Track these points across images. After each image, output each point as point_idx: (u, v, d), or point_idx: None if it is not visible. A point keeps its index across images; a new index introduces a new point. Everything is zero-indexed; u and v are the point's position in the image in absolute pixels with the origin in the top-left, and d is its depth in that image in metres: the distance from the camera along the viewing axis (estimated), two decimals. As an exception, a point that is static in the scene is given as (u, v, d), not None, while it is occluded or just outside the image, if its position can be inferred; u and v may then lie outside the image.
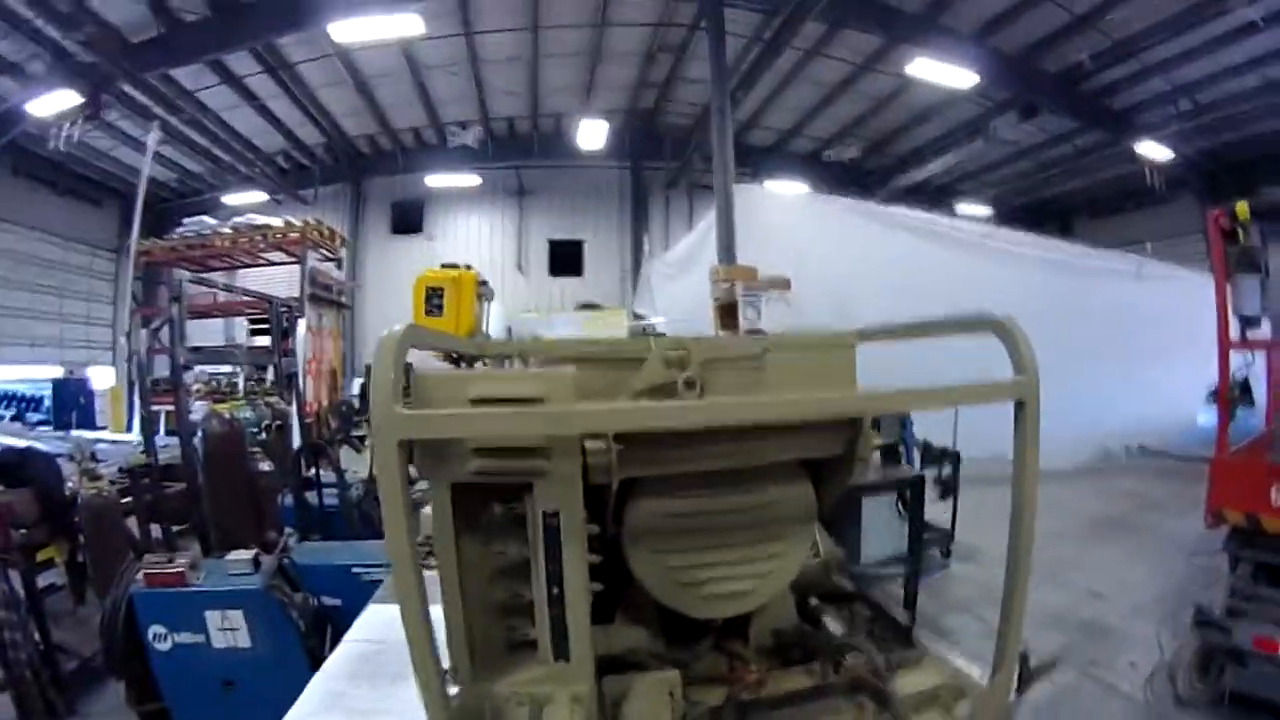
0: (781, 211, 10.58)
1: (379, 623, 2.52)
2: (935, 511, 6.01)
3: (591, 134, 15.79)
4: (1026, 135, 15.84)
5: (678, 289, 12.99)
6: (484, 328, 4.71)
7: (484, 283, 4.41)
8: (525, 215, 20.06)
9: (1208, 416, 9.50)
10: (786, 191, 14.04)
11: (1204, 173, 16.92)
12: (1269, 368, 4.45)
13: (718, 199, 10.03)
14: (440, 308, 2.98)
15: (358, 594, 3.01)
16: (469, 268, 4.50)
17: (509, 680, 1.36)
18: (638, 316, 13.87)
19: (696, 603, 1.58)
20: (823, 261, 9.42)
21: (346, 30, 10.86)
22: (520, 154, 18.42)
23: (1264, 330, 4.71)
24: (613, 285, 19.64)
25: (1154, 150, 15.21)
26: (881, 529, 5.23)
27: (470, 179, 18.81)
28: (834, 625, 1.87)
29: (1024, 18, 11.92)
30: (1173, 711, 4.07)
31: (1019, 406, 1.49)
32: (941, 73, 12.20)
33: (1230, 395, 4.65)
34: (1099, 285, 11.13)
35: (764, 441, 1.50)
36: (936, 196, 19.04)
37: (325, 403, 11.11)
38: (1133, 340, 10.72)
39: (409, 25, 10.79)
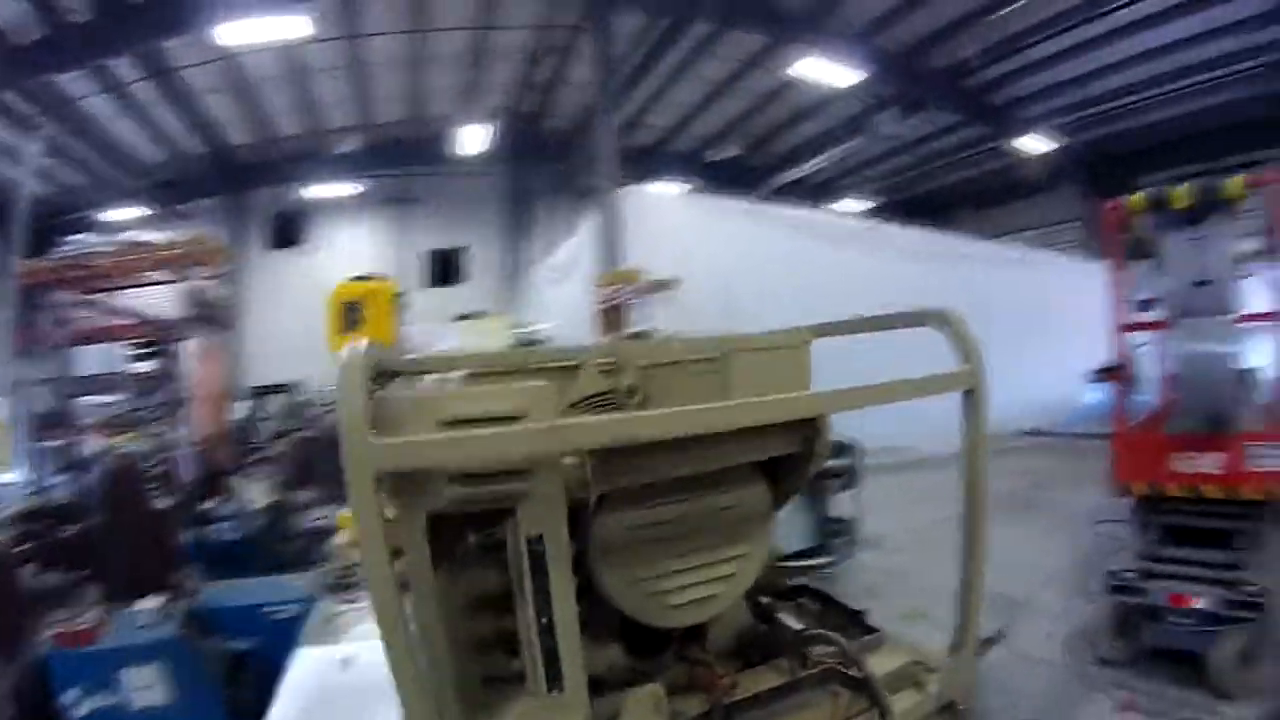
0: (667, 213, 10.62)
1: (313, 670, 2.36)
2: (838, 502, 6.16)
3: (474, 139, 15.45)
4: (909, 130, 16.39)
5: (563, 294, 12.84)
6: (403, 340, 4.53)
7: (401, 293, 4.22)
8: (407, 225, 19.51)
9: (1093, 395, 10.38)
10: (668, 192, 14.10)
11: (1084, 164, 18.09)
12: (1161, 347, 4.80)
13: (601, 202, 10.02)
14: (358, 323, 2.72)
15: (271, 635, 2.85)
16: (384, 278, 4.28)
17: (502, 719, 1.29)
18: (522, 325, 13.66)
19: (665, 612, 1.56)
20: (710, 262, 9.52)
21: (233, 33, 10.26)
22: (402, 161, 17.88)
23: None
24: (496, 294, 19.29)
25: (1036, 143, 16.16)
26: (790, 523, 5.34)
27: (352, 188, 18.19)
28: (790, 620, 1.88)
29: (911, 16, 12.32)
30: (1094, 671, 4.35)
31: (968, 394, 1.58)
32: (827, 71, 12.47)
33: (1107, 373, 5.00)
34: (984, 274, 11.84)
35: (730, 444, 1.48)
36: (818, 193, 19.56)
37: (216, 430, 10.47)
38: (1016, 326, 11.18)
39: (296, 27, 10.27)
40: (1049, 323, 12.36)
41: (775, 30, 12.35)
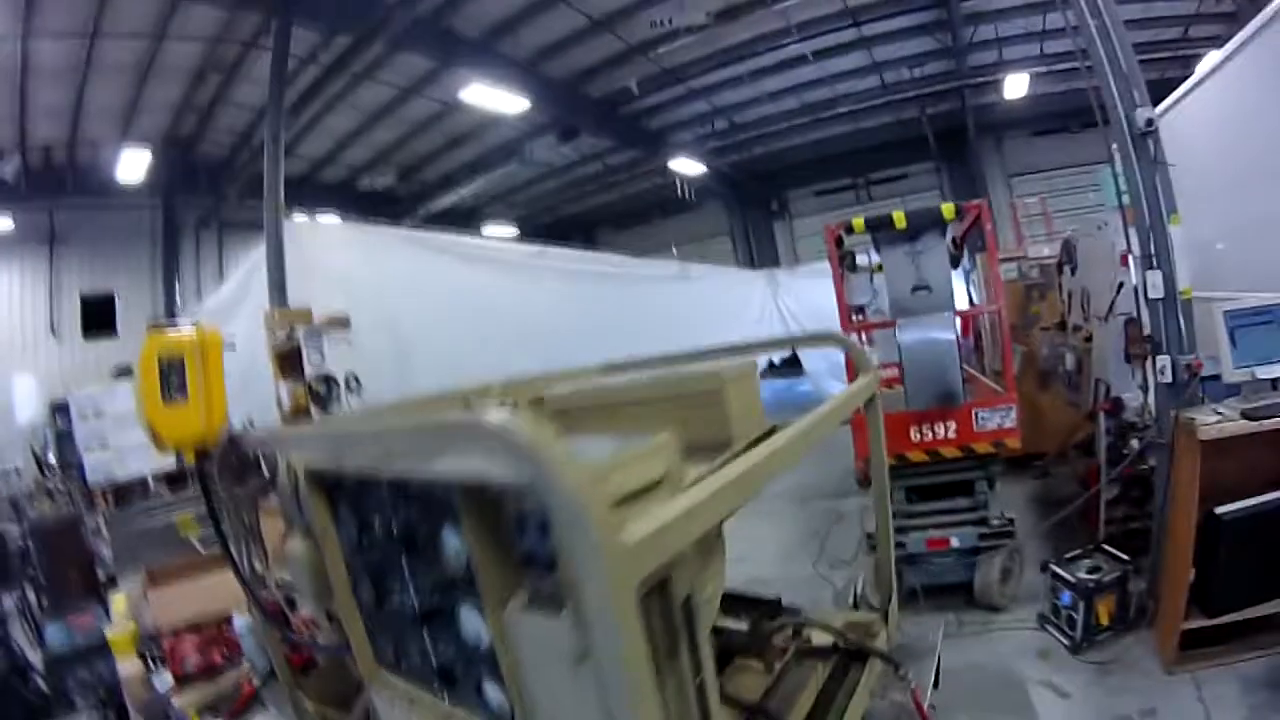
0: (330, 245, 9.73)
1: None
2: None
3: (132, 165, 12.99)
4: (560, 156, 17.18)
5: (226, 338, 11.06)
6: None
7: (229, 343, 3.01)
8: (58, 266, 15.49)
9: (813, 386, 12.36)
10: (329, 222, 13.06)
11: (731, 182, 20.57)
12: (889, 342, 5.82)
13: (267, 234, 8.92)
14: (184, 387, 1.90)
15: None
16: (202, 325, 3.00)
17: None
18: None
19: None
20: (377, 294, 8.96)
21: None
22: (54, 190, 14.23)
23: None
24: (153, 341, 15.82)
25: (687, 165, 17.91)
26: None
27: (2, 223, 13.98)
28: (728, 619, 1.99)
29: (578, 46, 12.97)
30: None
31: (869, 402, 1.93)
32: (493, 98, 12.53)
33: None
34: (648, 290, 13.01)
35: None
36: (464, 219, 19.68)
37: None
38: (683, 333, 12.76)
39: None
40: (716, 324, 14.10)
41: (447, 54, 12.16)
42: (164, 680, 3.10)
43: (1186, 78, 6.82)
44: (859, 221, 5.70)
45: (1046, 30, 13.91)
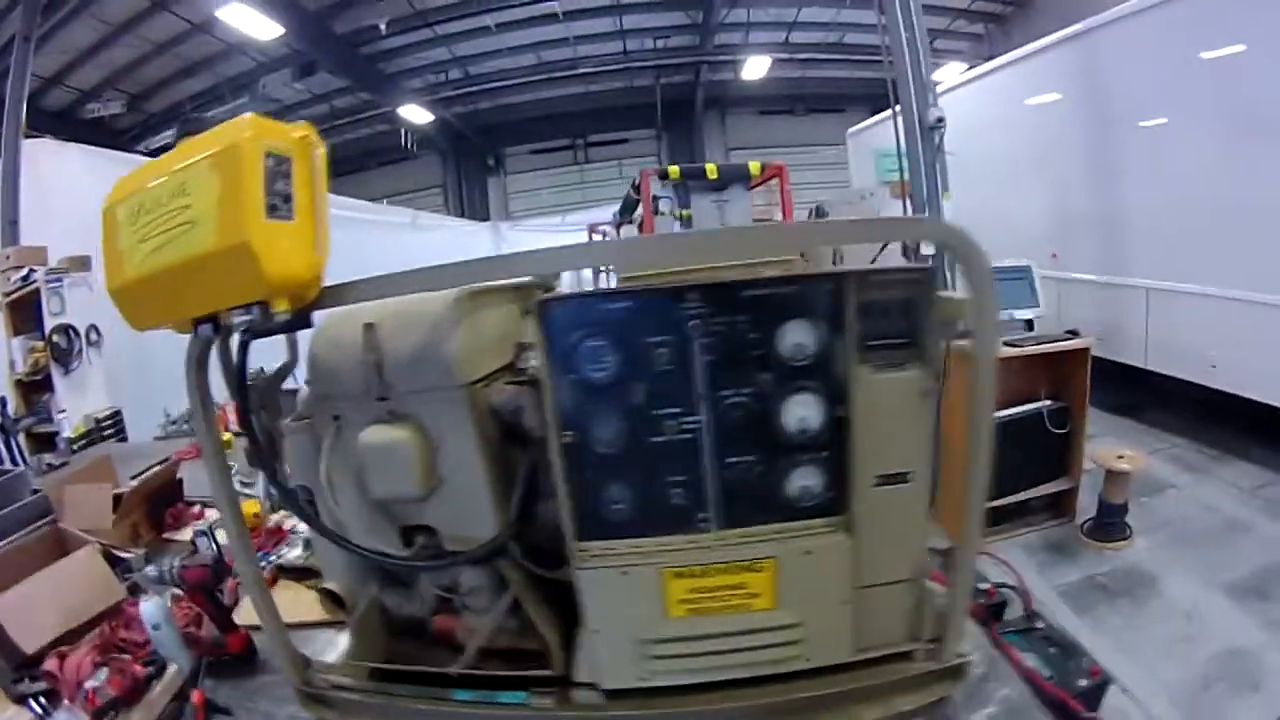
0: (66, 173, 7.96)
1: None
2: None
3: None
4: (293, 94, 15.53)
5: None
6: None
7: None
8: None
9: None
10: (65, 148, 10.43)
11: (454, 134, 19.74)
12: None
13: (4, 156, 7.14)
14: (289, 201, 1.11)
15: None
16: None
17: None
18: None
19: None
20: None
21: None
22: None
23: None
24: None
25: (416, 113, 16.91)
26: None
27: None
28: None
29: None
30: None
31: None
32: (249, 20, 11.04)
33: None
34: (381, 237, 12.29)
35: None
36: None
37: None
38: None
39: None
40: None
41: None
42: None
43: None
44: (675, 170, 6.14)
45: (796, 22, 15.48)
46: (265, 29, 11.42)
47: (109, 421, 6.06)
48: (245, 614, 2.08)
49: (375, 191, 20.99)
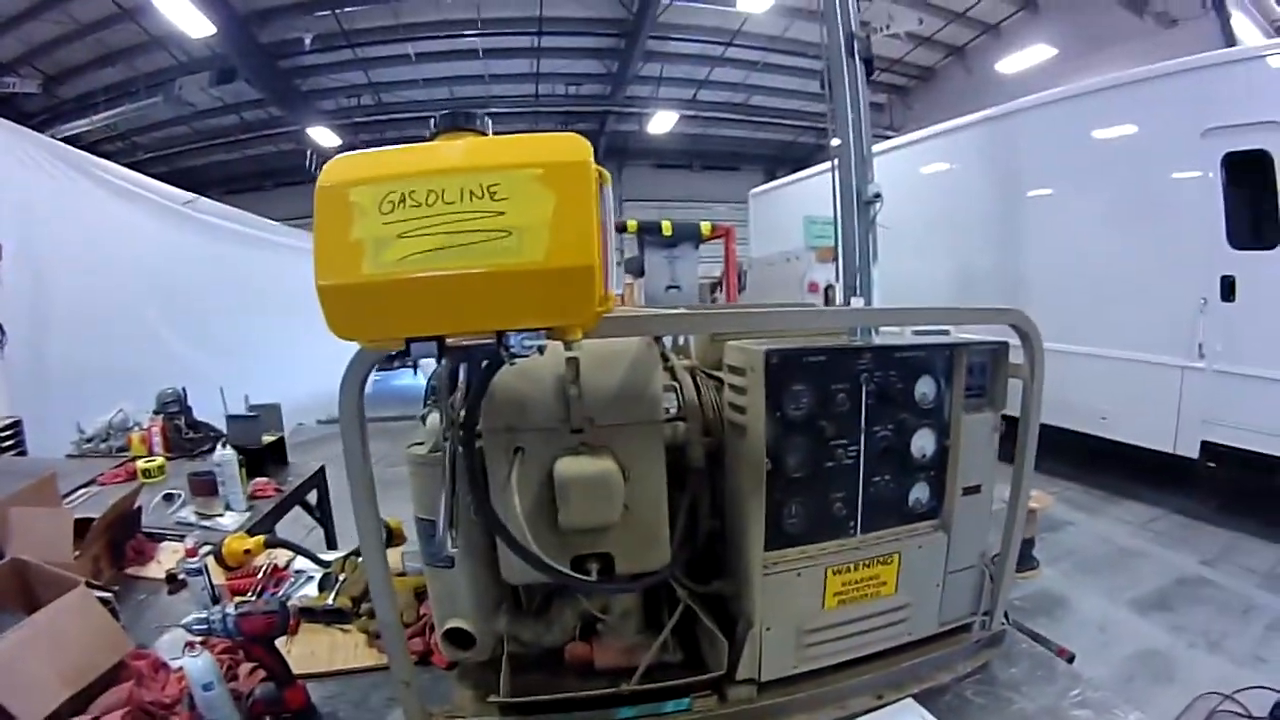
0: None
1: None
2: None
3: None
4: (207, 99, 15.04)
5: None
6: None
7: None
8: None
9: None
10: None
11: None
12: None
13: None
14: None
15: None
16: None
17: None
18: None
19: None
20: (22, 215, 6.69)
21: None
22: None
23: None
24: None
25: (323, 135, 16.73)
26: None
27: None
28: None
29: None
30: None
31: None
32: (182, 12, 10.74)
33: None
34: (292, 259, 11.94)
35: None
36: (87, 152, 15.78)
37: None
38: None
39: None
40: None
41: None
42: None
43: (819, 145, 9.17)
44: (633, 224, 6.56)
45: (706, 80, 16.38)
46: (197, 24, 11.16)
47: (8, 432, 5.37)
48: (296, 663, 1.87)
49: (273, 213, 19.94)
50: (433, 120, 1.17)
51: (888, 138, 9.83)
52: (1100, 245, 6.49)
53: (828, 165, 7.56)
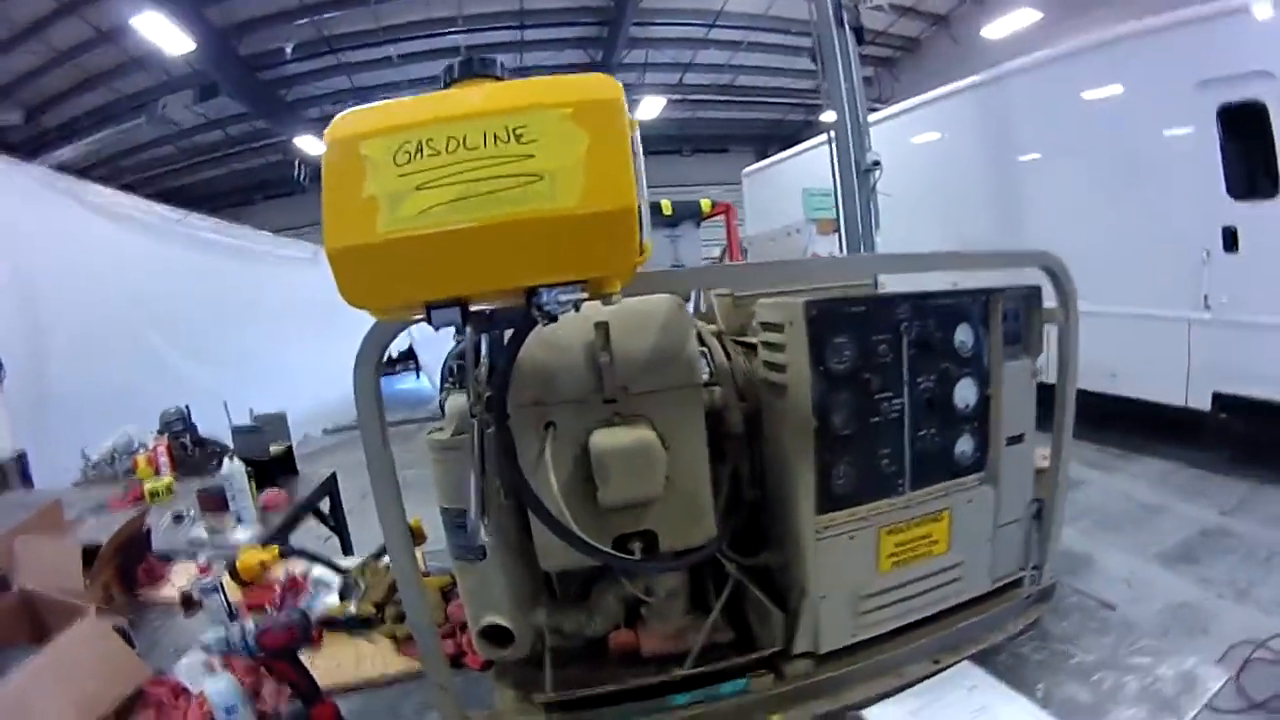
0: None
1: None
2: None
3: None
4: (190, 117, 14.98)
5: None
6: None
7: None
8: None
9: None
10: None
11: None
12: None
13: None
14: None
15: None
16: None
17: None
18: None
19: None
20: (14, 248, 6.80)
21: None
22: None
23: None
24: None
25: (311, 144, 16.40)
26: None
27: None
28: None
29: None
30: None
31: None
32: (163, 31, 10.71)
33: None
34: (283, 271, 11.86)
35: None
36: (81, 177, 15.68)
37: None
38: (318, 323, 11.91)
39: None
40: (349, 311, 13.24)
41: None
42: None
43: (808, 121, 9.10)
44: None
45: (691, 64, 16.26)
46: (176, 42, 11.11)
47: (15, 467, 5.36)
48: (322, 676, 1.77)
49: (263, 225, 20.01)
50: (447, 68, 1.01)
51: (876, 110, 9.77)
52: (1099, 204, 6.47)
53: (823, 138, 7.61)
